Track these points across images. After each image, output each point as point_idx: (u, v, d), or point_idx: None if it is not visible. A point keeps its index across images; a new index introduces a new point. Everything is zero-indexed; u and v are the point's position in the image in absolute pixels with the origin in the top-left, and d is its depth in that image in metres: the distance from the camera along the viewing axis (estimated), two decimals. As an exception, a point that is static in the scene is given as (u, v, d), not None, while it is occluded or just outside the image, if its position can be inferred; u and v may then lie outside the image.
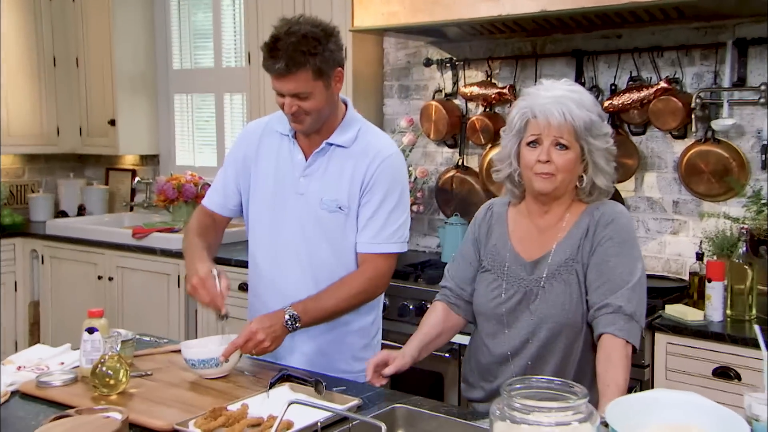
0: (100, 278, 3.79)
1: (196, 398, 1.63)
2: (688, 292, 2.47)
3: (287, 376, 1.68)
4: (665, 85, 2.67)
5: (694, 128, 2.64)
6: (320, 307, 1.84)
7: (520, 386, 1.12)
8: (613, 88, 2.84)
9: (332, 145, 1.90)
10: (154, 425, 1.46)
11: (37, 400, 1.63)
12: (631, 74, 2.81)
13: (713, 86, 2.65)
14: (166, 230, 3.74)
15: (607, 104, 2.75)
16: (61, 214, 4.53)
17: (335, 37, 1.81)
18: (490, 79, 3.14)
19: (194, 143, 4.45)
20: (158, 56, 4.42)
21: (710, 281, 2.27)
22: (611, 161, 1.69)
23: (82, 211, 4.56)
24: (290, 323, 1.79)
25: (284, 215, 1.93)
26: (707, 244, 2.52)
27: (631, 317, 1.58)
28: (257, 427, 1.43)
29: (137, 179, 4.42)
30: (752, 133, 2.61)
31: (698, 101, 2.59)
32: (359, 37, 3.23)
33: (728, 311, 2.29)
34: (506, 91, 3.04)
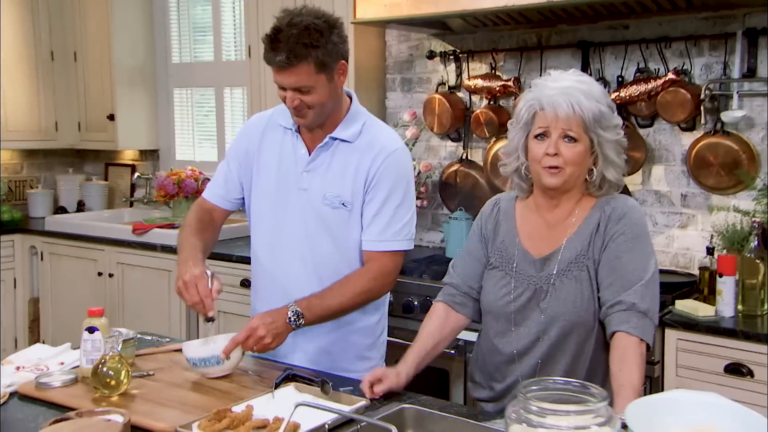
0: (100, 275, 3.75)
1: (199, 399, 1.59)
2: (698, 287, 2.43)
3: (292, 375, 1.66)
4: (673, 76, 2.62)
5: (703, 120, 2.59)
6: (325, 305, 1.80)
7: (536, 388, 1.09)
8: (620, 79, 2.80)
9: (336, 139, 1.86)
10: (156, 428, 1.43)
11: (36, 401, 1.59)
12: (638, 66, 2.77)
13: (722, 77, 2.60)
14: (166, 226, 3.70)
15: (614, 96, 2.70)
16: (60, 210, 4.49)
17: (338, 28, 1.77)
18: (494, 71, 3.10)
19: (194, 138, 4.40)
20: (157, 50, 4.38)
21: (721, 276, 2.23)
22: (622, 154, 1.65)
23: (81, 206, 4.52)
24: (294, 320, 1.75)
25: (287, 211, 1.89)
26: (717, 238, 2.48)
27: (644, 314, 1.54)
28: (263, 429, 1.39)
29: (137, 174, 4.38)
30: (762, 125, 2.57)
31: (707, 93, 2.55)
32: (361, 29, 3.18)
33: (740, 306, 2.25)
34: (511, 83, 3.00)
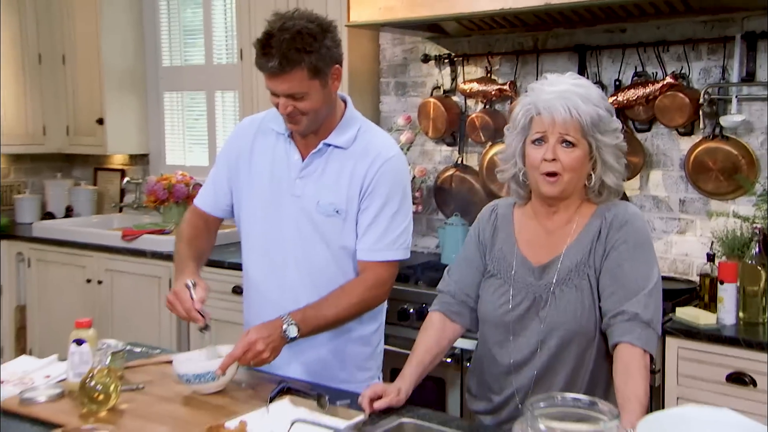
0: (88, 282, 3.68)
1: (191, 414, 1.54)
2: (698, 294, 2.40)
3: (287, 388, 1.61)
4: (671, 80, 2.59)
5: (702, 125, 2.56)
6: (320, 315, 1.75)
7: (543, 405, 1.04)
8: (617, 83, 2.77)
9: (330, 145, 1.81)
10: (146, 446, 1.37)
11: (20, 417, 1.53)
12: (635, 69, 2.74)
13: (721, 81, 2.57)
14: (156, 232, 3.65)
15: (611, 100, 2.66)
16: (48, 215, 4.42)
17: (332, 32, 1.72)
18: (489, 75, 3.06)
19: (185, 142, 4.35)
20: (147, 53, 4.32)
21: (722, 283, 2.20)
22: (621, 158, 1.61)
23: (69, 212, 4.46)
24: (289, 333, 1.70)
25: (279, 218, 1.84)
26: (717, 244, 2.45)
27: (648, 324, 1.51)
28: (257, 446, 1.34)
29: (126, 179, 4.31)
30: (762, 129, 2.54)
31: (706, 97, 2.52)
32: (354, 32, 3.14)
33: (741, 314, 2.22)
34: (507, 87, 2.97)
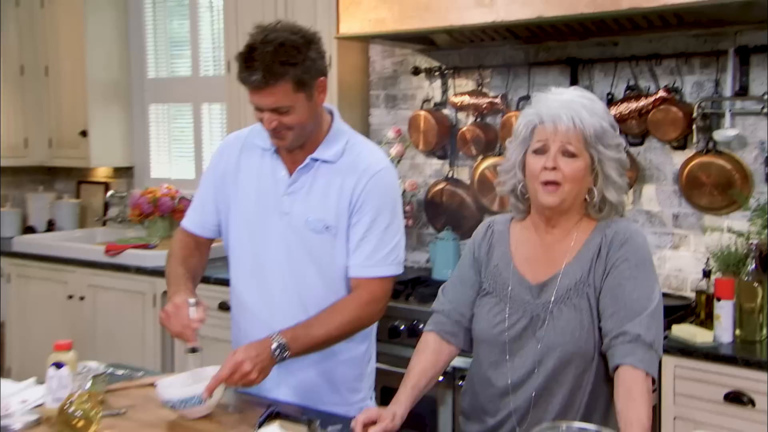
0: (70, 298, 3.59)
1: (175, 441, 1.47)
2: (694, 311, 2.37)
3: (276, 413, 1.55)
4: (664, 94, 2.57)
5: (695, 139, 2.55)
6: (311, 335, 1.70)
7: (548, 436, 0.99)
8: (609, 97, 2.74)
9: (317, 160, 1.76)
10: (127, 477, 1.31)
11: (-5, 446, 1.46)
12: (628, 83, 2.72)
13: (714, 95, 2.56)
14: (141, 246, 3.57)
15: (604, 114, 2.64)
16: (29, 229, 4.34)
17: (316, 44, 1.68)
18: (481, 88, 3.03)
19: (171, 155, 4.28)
20: (132, 64, 4.26)
21: (719, 300, 2.16)
22: (623, 174, 1.57)
23: (51, 226, 4.37)
24: (278, 352, 1.65)
25: (267, 237, 1.78)
26: (712, 260, 2.42)
27: (650, 346, 1.46)
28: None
29: (110, 192, 4.23)
30: (755, 144, 2.52)
31: (700, 111, 2.50)
32: (343, 44, 3.11)
33: (737, 331, 2.18)
34: (498, 100, 2.94)
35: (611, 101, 2.73)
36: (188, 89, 4.12)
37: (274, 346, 1.64)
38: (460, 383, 2.46)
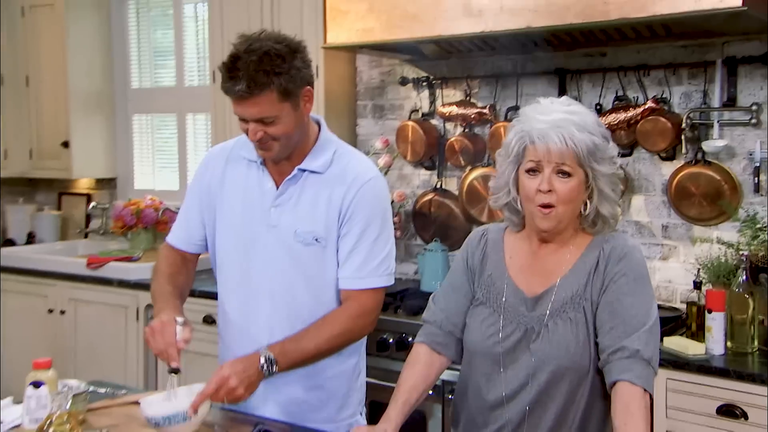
0: (50, 312, 3.53)
1: (159, 462, 1.42)
2: (685, 322, 2.35)
3: (264, 431, 1.51)
4: (653, 104, 2.57)
5: (684, 149, 2.54)
6: (300, 348, 1.66)
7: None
8: (598, 108, 2.74)
9: (305, 171, 1.73)
10: (109, 501, 1.26)
11: (-30, 469, 1.40)
12: (616, 94, 2.71)
13: (702, 106, 2.56)
14: (123, 259, 3.52)
15: (592, 125, 2.63)
16: (8, 242, 4.25)
17: (301, 53, 1.65)
18: (469, 98, 3.02)
19: (154, 165, 4.23)
20: (116, 74, 4.21)
21: (710, 312, 2.15)
22: (617, 187, 1.55)
23: (31, 238, 4.30)
24: (266, 367, 1.61)
25: (255, 250, 1.74)
26: (702, 271, 2.41)
27: (648, 362, 1.44)
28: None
29: (92, 204, 4.17)
30: (744, 154, 2.52)
31: (688, 122, 2.50)
32: (331, 54, 3.08)
33: (729, 343, 2.17)
34: (486, 111, 2.92)
35: (600, 112, 2.72)
36: (172, 99, 4.07)
37: (262, 360, 1.60)
38: (449, 396, 2.43)
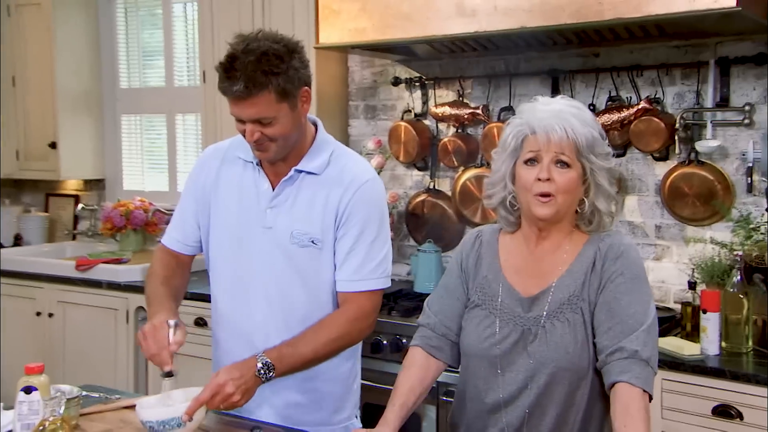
0: (38, 314, 3.48)
1: (154, 469, 1.40)
2: (679, 323, 2.35)
3: (260, 436, 1.49)
4: (646, 105, 2.57)
5: (677, 150, 2.54)
6: (297, 353, 1.64)
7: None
8: (591, 108, 2.73)
9: (302, 172, 1.71)
10: None
11: (-39, 478, 1.37)
12: (609, 94, 2.71)
13: (695, 106, 2.56)
14: (112, 261, 3.48)
15: (586, 125, 2.63)
16: (-5, 244, 4.21)
17: (299, 53, 1.63)
18: (462, 98, 3.01)
19: (144, 166, 4.19)
20: (104, 74, 4.16)
21: (705, 312, 2.15)
22: (613, 183, 1.55)
23: (18, 240, 4.25)
24: (263, 373, 1.58)
25: (250, 252, 1.72)
26: (696, 271, 2.41)
27: (647, 363, 1.43)
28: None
29: (80, 205, 4.12)
30: (737, 155, 2.53)
31: (682, 122, 2.50)
32: (323, 54, 3.06)
33: (723, 343, 2.17)
34: (480, 111, 2.91)
35: (593, 112, 2.70)
36: (162, 99, 4.04)
37: (258, 366, 1.58)
38: (444, 398, 2.42)
